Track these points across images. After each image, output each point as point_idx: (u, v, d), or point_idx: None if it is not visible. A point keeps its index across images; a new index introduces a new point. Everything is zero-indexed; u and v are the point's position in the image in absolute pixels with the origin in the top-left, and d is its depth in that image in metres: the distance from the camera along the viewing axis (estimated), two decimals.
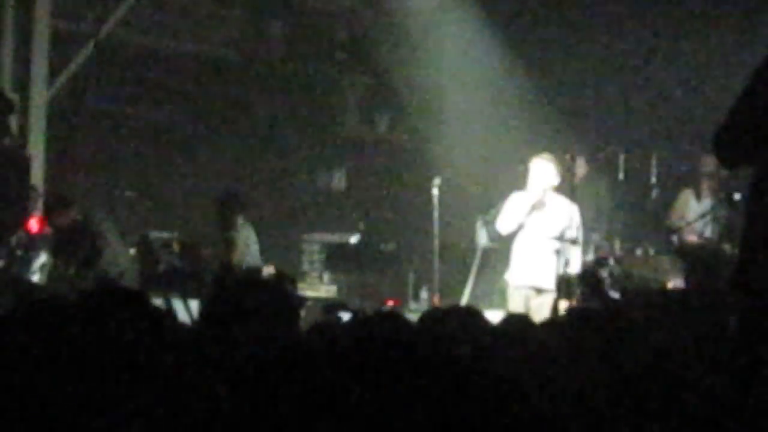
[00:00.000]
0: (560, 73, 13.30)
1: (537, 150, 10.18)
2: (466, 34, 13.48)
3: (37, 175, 11.71)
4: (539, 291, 9.77)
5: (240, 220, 11.16)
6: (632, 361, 3.69)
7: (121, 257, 10.83)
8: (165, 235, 11.19)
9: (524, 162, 10.06)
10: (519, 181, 10.10)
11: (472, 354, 3.74)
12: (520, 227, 9.96)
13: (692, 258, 10.12)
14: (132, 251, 10.97)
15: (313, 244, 12.81)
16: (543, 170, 9.94)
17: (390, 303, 11.37)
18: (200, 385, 3.31)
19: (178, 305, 9.42)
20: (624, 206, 11.77)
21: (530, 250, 9.93)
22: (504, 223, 10.08)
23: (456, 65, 13.60)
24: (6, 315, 3.71)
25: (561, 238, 9.70)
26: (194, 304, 9.54)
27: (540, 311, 9.32)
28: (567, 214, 9.89)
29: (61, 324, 3.40)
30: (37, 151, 12.03)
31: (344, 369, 1.81)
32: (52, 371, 3.26)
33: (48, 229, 10.85)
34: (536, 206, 9.93)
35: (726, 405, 3.59)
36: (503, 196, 10.21)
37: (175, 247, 10.90)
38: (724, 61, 12.08)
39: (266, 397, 1.78)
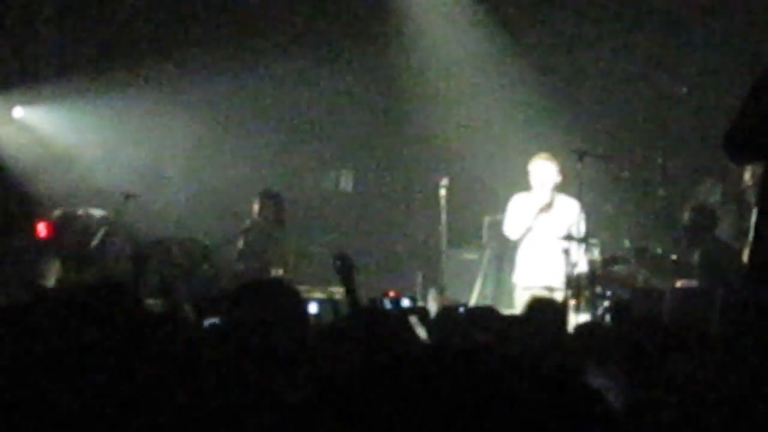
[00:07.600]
0: (567, 72, 13.29)
1: (543, 149, 10.17)
2: (474, 34, 13.46)
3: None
4: (550, 290, 9.75)
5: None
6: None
7: (124, 260, 10.83)
8: (164, 238, 11.22)
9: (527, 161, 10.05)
10: (523, 182, 10.08)
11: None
12: (529, 230, 9.95)
13: (704, 253, 10.04)
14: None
15: (321, 245, 12.74)
16: (544, 170, 9.92)
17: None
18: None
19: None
20: (631, 205, 11.75)
21: (538, 250, 9.92)
22: (512, 229, 10.07)
23: (463, 65, 13.58)
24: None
25: (568, 237, 9.66)
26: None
27: None
28: (572, 213, 9.87)
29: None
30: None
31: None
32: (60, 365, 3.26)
33: (56, 234, 10.85)
34: (544, 209, 9.92)
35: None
36: (511, 196, 10.19)
37: (175, 250, 10.90)
38: (732, 60, 12.08)
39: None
